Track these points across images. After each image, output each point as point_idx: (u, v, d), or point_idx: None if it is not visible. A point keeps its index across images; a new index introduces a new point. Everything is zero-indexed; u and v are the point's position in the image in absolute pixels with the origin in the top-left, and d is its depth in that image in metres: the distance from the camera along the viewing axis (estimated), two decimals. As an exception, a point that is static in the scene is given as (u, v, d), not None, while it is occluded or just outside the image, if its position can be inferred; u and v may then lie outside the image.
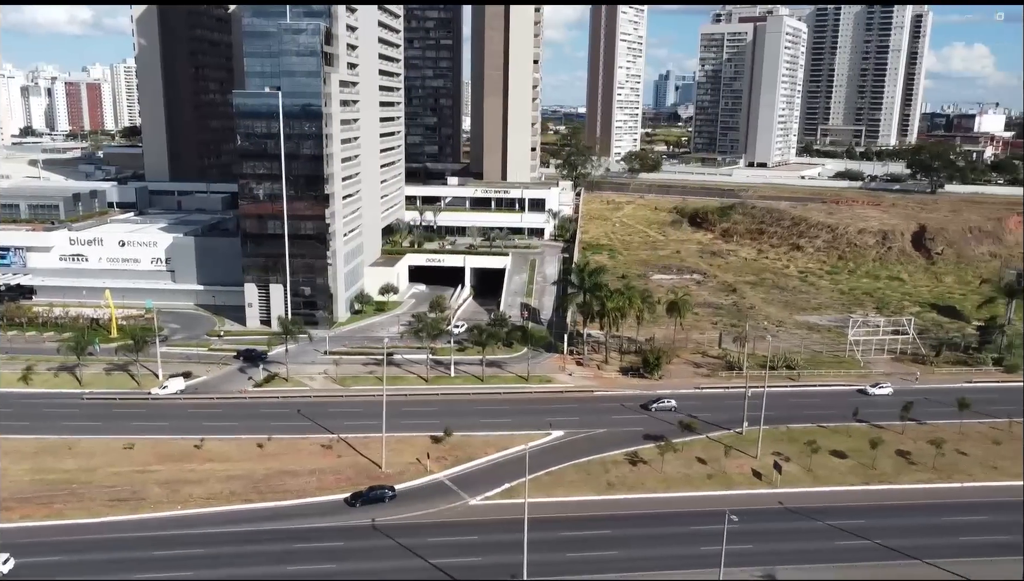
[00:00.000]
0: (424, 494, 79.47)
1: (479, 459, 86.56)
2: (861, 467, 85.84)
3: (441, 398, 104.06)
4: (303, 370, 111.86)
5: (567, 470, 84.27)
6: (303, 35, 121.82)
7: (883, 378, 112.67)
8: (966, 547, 70.82)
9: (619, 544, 70.59)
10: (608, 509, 76.90)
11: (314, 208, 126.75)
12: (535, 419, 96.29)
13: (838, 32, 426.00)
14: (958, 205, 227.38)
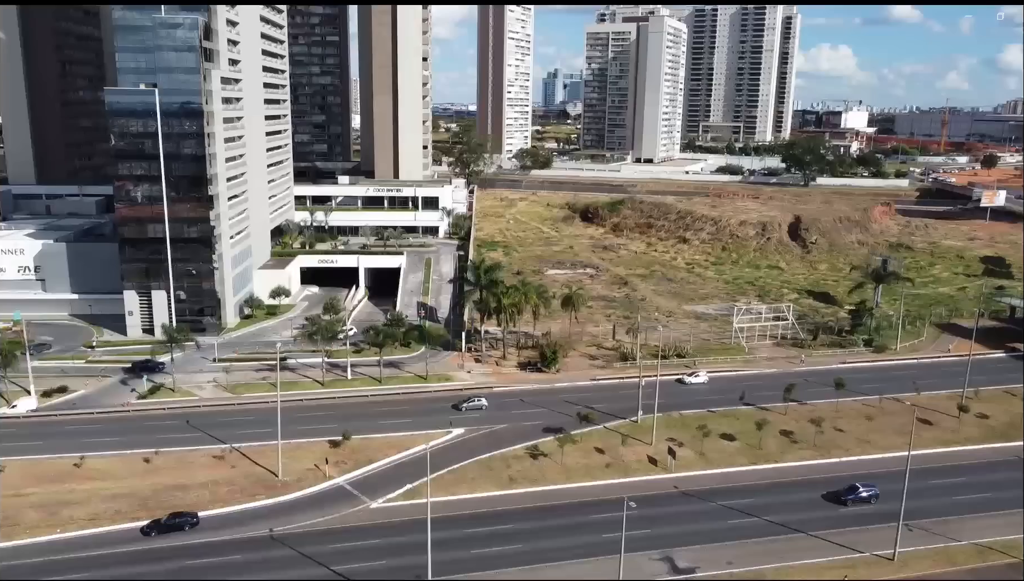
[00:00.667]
0: (324, 500, 77.82)
1: (379, 461, 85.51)
2: (749, 448, 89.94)
3: (338, 401, 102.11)
4: (191, 379, 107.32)
5: (469, 467, 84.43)
6: (180, 29, 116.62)
7: (766, 362, 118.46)
8: (846, 517, 75.47)
9: (522, 537, 71.33)
10: (511, 503, 77.54)
11: (197, 210, 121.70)
12: (435, 418, 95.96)
13: (716, 33, 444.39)
14: (829, 197, 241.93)
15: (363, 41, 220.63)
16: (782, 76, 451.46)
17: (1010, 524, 74.71)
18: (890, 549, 69.02)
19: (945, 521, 75.15)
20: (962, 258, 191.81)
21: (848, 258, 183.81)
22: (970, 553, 69.87)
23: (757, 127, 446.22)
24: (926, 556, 69.34)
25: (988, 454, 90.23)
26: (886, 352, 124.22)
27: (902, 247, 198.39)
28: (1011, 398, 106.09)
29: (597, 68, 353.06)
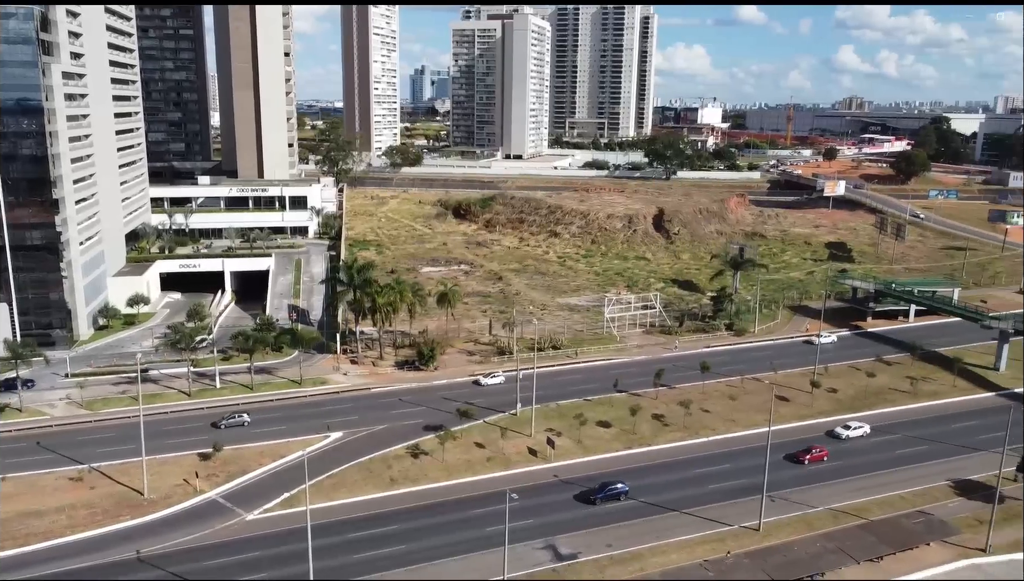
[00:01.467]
0: (196, 516, 74.24)
1: (254, 471, 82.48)
2: (624, 433, 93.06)
3: (207, 412, 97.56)
4: (41, 397, 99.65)
5: (349, 471, 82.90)
6: (13, 20, 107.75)
7: (637, 350, 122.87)
8: (715, 493, 79.45)
9: (406, 538, 70.77)
10: (393, 505, 76.74)
11: (41, 215, 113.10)
12: (312, 423, 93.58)
13: (578, 31, 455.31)
14: (689, 189, 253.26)
15: (220, 35, 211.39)
16: (642, 74, 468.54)
17: (858, 489, 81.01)
18: (756, 520, 73.26)
19: (803, 490, 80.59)
20: (809, 244, 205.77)
21: (708, 247, 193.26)
22: (826, 518, 75.25)
23: (620, 123, 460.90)
24: (788, 524, 74.07)
25: (837, 425, 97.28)
26: (746, 335, 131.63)
27: (756, 235, 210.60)
28: (855, 372, 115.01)
29: (464, 65, 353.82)
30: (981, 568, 68.20)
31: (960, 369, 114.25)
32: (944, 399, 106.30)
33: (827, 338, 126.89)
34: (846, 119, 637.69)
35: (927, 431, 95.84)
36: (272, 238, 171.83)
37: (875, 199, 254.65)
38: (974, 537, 71.65)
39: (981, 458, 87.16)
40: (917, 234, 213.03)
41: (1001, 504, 75.03)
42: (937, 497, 79.89)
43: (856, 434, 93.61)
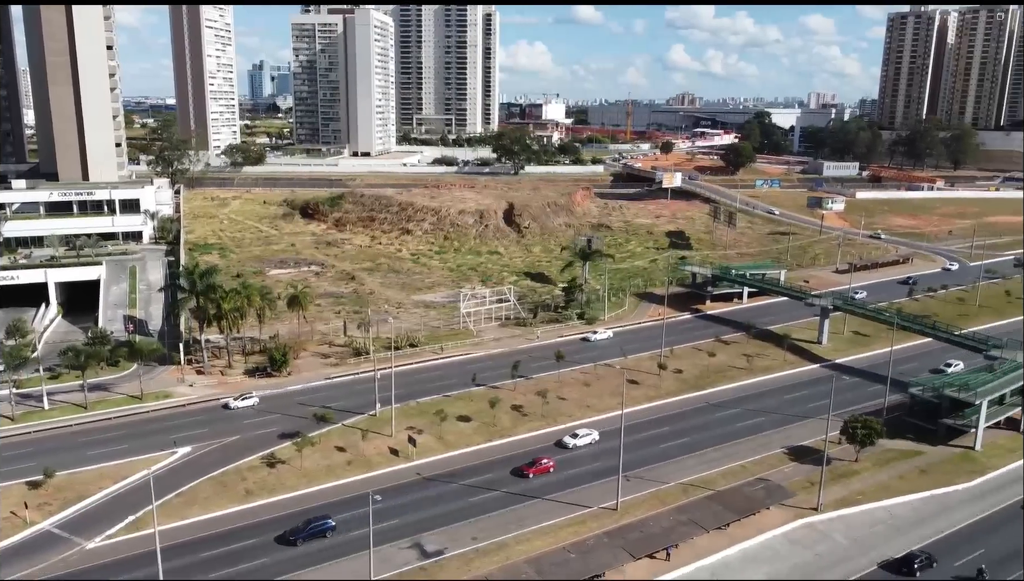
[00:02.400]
0: (27, 550, 68.03)
1: (93, 496, 76.64)
2: (484, 426, 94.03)
3: (35, 436, 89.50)
4: None
5: (200, 486, 78.77)
6: None
7: (494, 343, 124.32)
8: (573, 478, 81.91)
9: (265, 551, 68.20)
10: (250, 518, 73.67)
11: None
12: (157, 439, 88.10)
13: (422, 27, 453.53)
14: (537, 184, 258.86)
15: (31, 25, 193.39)
16: (487, 71, 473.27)
17: (703, 462, 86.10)
18: (613, 500, 76.23)
19: (656, 468, 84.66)
20: (651, 234, 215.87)
21: (558, 239, 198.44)
22: (677, 492, 79.43)
23: (468, 119, 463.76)
24: (643, 501, 77.57)
25: (684, 404, 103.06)
26: (597, 323, 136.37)
27: (602, 227, 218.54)
28: (698, 352, 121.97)
29: (306, 60, 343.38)
30: (814, 526, 74.33)
31: (789, 344, 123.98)
32: (776, 373, 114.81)
33: (603, 335, 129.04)
34: (680, 114, 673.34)
35: (763, 404, 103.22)
36: (102, 245, 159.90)
37: (708, 189, 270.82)
38: (807, 498, 77.98)
39: (811, 425, 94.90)
40: (747, 221, 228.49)
41: (829, 466, 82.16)
42: (774, 464, 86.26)
43: (584, 442, 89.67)
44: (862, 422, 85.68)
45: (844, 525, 74.77)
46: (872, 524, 75.21)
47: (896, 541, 72.06)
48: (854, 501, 78.55)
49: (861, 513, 76.90)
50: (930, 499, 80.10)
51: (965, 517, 76.89)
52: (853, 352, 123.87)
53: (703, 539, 70.55)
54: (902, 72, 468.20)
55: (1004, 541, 72.62)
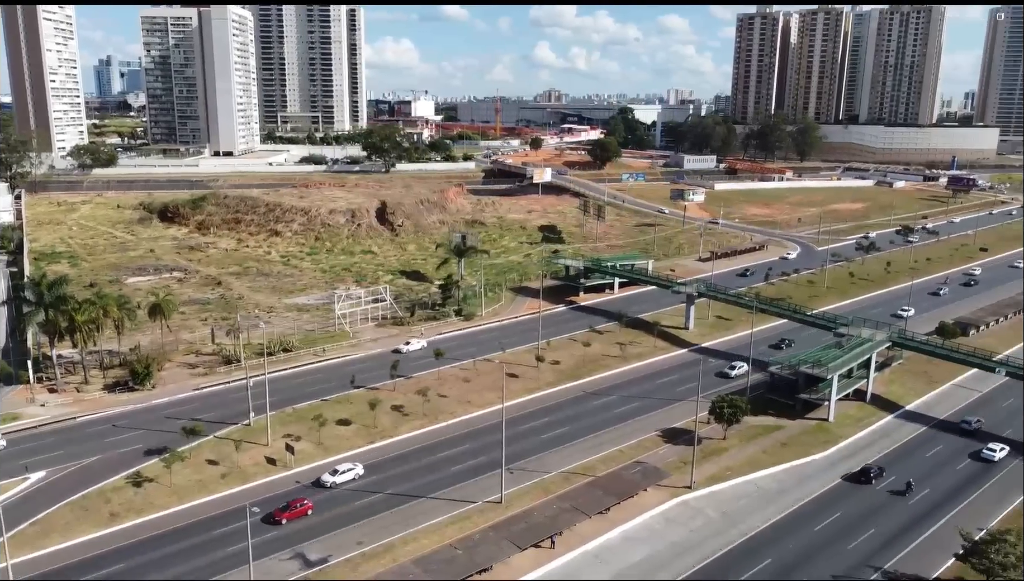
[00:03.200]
0: None
1: (-67, 532, 69.88)
2: (364, 429, 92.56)
3: None
4: None
5: (59, 512, 73.35)
6: None
7: (371, 343, 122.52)
8: (458, 474, 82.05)
9: (134, 574, 64.42)
10: (116, 542, 69.27)
11: None
12: (5, 466, 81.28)
13: (283, 22, 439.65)
14: (409, 181, 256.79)
15: None
16: (353, 67, 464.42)
17: (583, 449, 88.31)
18: (497, 494, 76.93)
19: (538, 458, 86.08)
20: (525, 229, 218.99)
21: (432, 237, 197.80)
22: (559, 481, 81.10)
23: (335, 117, 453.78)
24: (527, 492, 78.71)
25: (562, 394, 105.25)
26: (474, 319, 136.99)
27: (476, 223, 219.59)
28: (574, 343, 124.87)
29: (158, 55, 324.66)
30: (688, 503, 77.82)
31: (659, 331, 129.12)
32: (648, 359, 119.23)
33: (417, 344, 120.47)
34: (547, 110, 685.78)
35: (637, 389, 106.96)
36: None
37: (577, 184, 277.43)
38: (681, 477, 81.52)
39: (682, 407, 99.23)
40: (615, 214, 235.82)
41: (700, 445, 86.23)
42: (649, 447, 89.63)
43: (345, 479, 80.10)
44: (728, 401, 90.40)
45: (715, 500, 78.70)
46: (741, 497, 79.54)
47: (763, 511, 76.58)
48: (724, 477, 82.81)
49: (730, 488, 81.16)
50: (791, 469, 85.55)
51: (822, 484, 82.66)
52: (717, 335, 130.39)
53: (586, 524, 72.41)
54: (751, 70, 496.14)
55: (856, 504, 78.63)
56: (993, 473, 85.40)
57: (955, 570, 66.67)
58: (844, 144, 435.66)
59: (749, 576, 66.44)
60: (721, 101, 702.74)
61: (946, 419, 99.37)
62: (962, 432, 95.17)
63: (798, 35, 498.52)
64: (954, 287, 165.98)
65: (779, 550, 70.05)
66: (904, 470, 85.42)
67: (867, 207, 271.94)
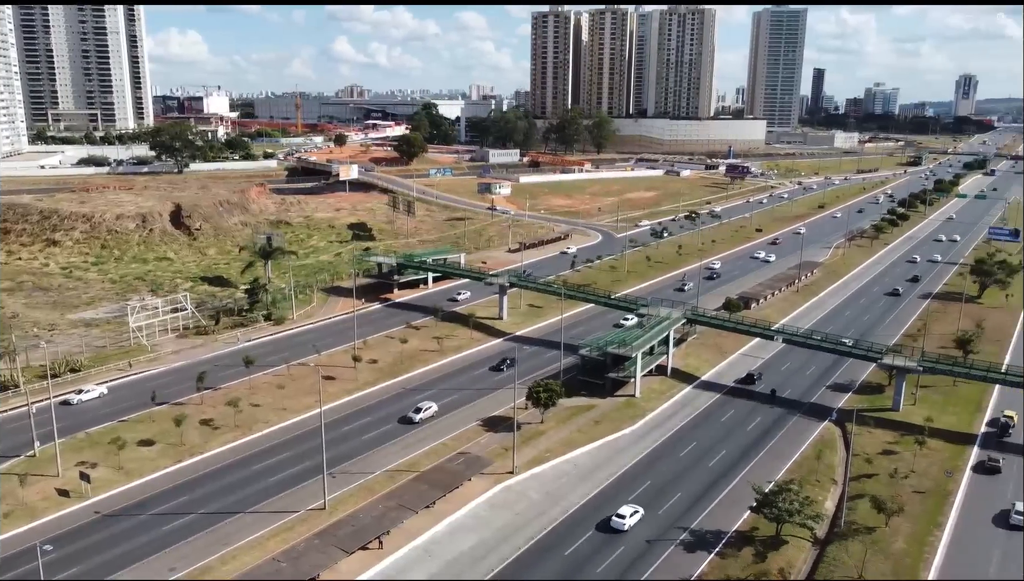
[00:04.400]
0: None
1: None
2: (171, 447, 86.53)
3: None
4: None
5: None
6: None
7: (173, 356, 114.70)
8: (278, 485, 78.96)
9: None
10: None
11: None
12: None
13: (47, 10, 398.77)
14: (205, 182, 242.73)
15: None
16: (135, 60, 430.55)
17: (407, 445, 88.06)
18: (321, 500, 74.92)
19: (361, 459, 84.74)
20: (333, 227, 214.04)
21: (235, 239, 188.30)
22: (384, 480, 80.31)
23: (117, 114, 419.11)
24: (352, 495, 77.26)
25: (383, 392, 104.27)
26: (285, 322, 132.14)
27: (282, 223, 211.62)
28: (391, 341, 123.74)
29: None
30: (512, 488, 79.93)
31: (474, 323, 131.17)
32: (466, 351, 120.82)
33: (91, 393, 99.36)
34: (350, 106, 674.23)
35: (457, 381, 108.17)
36: None
37: (385, 180, 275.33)
38: (504, 463, 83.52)
39: (501, 395, 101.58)
40: (425, 209, 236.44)
41: (519, 431, 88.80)
42: (472, 437, 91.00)
43: None
44: (544, 386, 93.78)
45: (537, 482, 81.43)
46: (561, 476, 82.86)
47: (582, 487, 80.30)
48: (544, 459, 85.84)
49: (550, 468, 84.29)
50: (604, 445, 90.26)
51: (633, 456, 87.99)
52: (530, 323, 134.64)
53: (413, 521, 72.30)
54: (548, 66, 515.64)
55: (663, 471, 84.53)
56: (775, 432, 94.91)
57: (751, 521, 73.45)
58: (635, 136, 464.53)
59: (571, 551, 69.45)
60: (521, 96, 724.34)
61: (736, 386, 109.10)
62: (750, 395, 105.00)
63: (589, 34, 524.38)
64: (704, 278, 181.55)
65: (597, 524, 73.72)
66: (704, 435, 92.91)
67: (659, 195, 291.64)
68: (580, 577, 65.68)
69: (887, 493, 75.71)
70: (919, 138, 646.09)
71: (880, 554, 68.25)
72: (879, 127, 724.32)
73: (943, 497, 78.78)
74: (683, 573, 66.37)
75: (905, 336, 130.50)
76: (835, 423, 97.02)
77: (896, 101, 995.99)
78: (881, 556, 68.07)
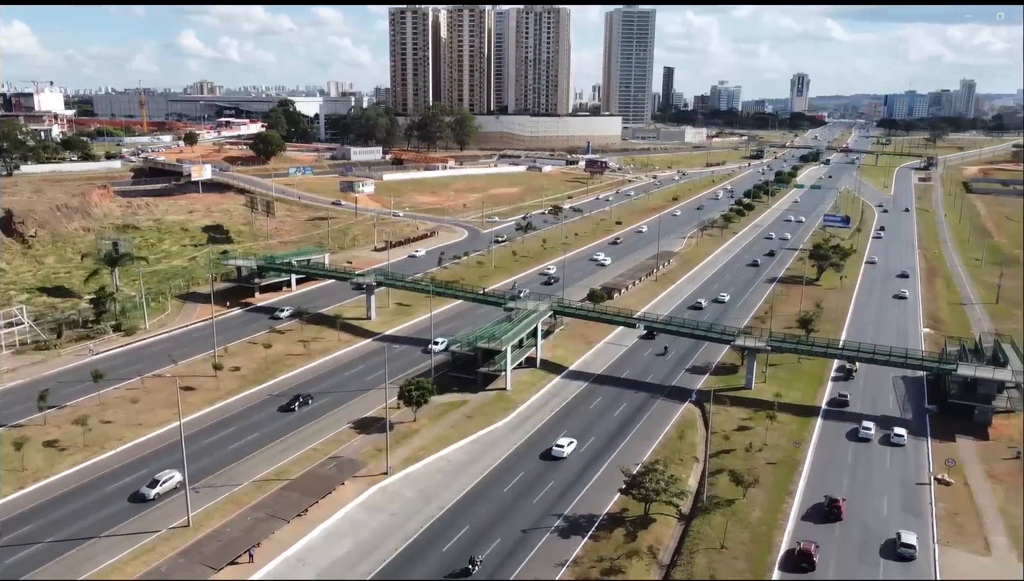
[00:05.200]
0: None
1: None
2: (11, 473, 79.62)
3: None
4: None
5: None
6: None
7: (9, 375, 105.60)
8: (136, 505, 74.44)
9: None
10: None
11: None
12: None
13: None
14: (40, 185, 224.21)
15: None
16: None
17: (275, 454, 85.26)
18: (184, 517, 71.27)
19: (226, 471, 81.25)
20: (187, 230, 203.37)
21: (76, 246, 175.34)
22: (252, 491, 77.36)
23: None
24: (218, 509, 73.95)
25: (247, 400, 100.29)
26: (137, 333, 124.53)
27: (129, 228, 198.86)
28: (254, 346, 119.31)
29: None
30: (386, 488, 79.04)
31: (342, 324, 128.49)
32: (334, 353, 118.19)
33: None
34: (201, 103, 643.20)
35: (326, 384, 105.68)
36: None
37: (242, 180, 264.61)
38: (378, 465, 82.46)
39: (372, 396, 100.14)
40: (286, 209, 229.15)
41: (392, 431, 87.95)
42: (343, 440, 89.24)
43: None
44: (415, 384, 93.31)
45: (411, 481, 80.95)
46: (435, 474, 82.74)
47: (457, 483, 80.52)
48: (418, 457, 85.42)
49: (424, 467, 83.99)
50: (478, 440, 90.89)
51: (506, 449, 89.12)
52: (400, 322, 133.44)
53: (284, 531, 70.14)
54: (407, 63, 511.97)
55: (537, 462, 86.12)
56: (641, 416, 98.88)
57: (621, 503, 76.19)
58: (498, 133, 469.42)
59: (451, 545, 69.60)
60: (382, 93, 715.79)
61: (603, 374, 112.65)
62: (616, 382, 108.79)
63: (448, 30, 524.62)
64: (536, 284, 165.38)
65: (475, 516, 74.24)
66: (574, 423, 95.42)
67: (522, 190, 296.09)
68: (458, 570, 65.96)
69: (744, 467, 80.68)
70: (761, 133, 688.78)
71: (739, 524, 72.61)
72: (725, 123, 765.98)
73: (793, 467, 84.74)
74: (559, 557, 67.98)
75: (755, 318, 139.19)
76: (695, 404, 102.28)
77: (739, 98, 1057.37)
78: (740, 526, 72.43)
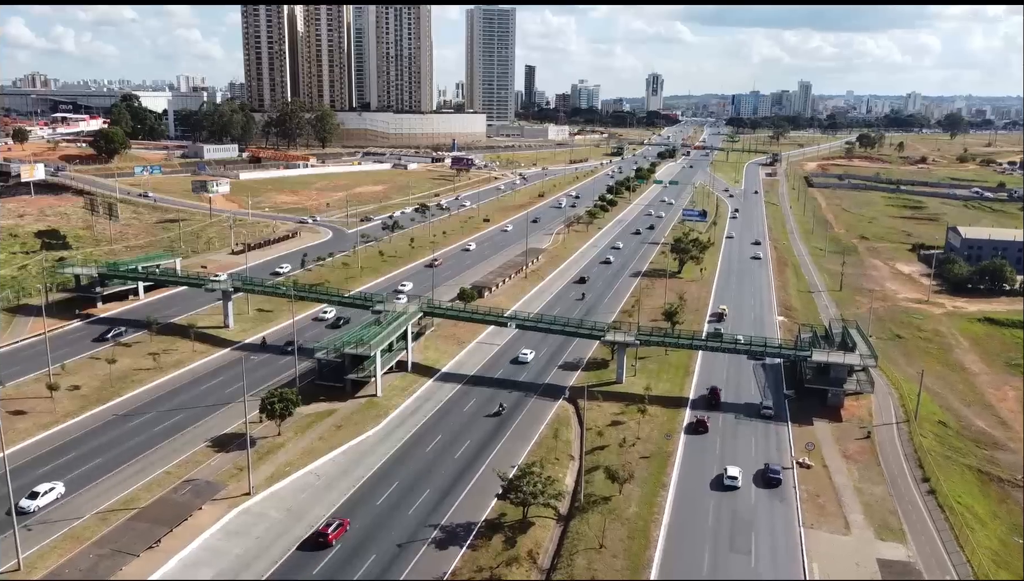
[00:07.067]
0: None
1: None
2: None
3: None
4: None
5: None
6: None
7: None
8: (-47, 550, 65.65)
9: None
10: None
11: None
12: None
13: None
14: None
15: None
16: None
17: (122, 480, 77.63)
18: (14, 559, 63.34)
19: (64, 504, 73.21)
20: (16, 236, 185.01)
21: None
22: (95, 524, 69.90)
23: None
24: (54, 547, 66.26)
25: (88, 422, 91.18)
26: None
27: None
28: (96, 362, 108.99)
29: None
30: (250, 510, 73.56)
31: (196, 334, 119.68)
32: (188, 366, 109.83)
33: None
34: (33, 97, 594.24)
35: (179, 400, 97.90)
36: None
37: (81, 180, 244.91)
38: (239, 485, 76.69)
39: (231, 410, 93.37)
40: (131, 212, 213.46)
41: (254, 447, 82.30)
42: (200, 460, 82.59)
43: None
44: (278, 395, 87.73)
45: (277, 500, 75.80)
46: (303, 490, 77.95)
47: (327, 498, 76.19)
48: (284, 474, 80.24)
49: (291, 483, 78.98)
50: (349, 450, 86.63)
51: (379, 457, 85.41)
52: (260, 329, 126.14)
53: (133, 565, 63.68)
54: (263, 57, 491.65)
55: (411, 467, 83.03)
56: (515, 416, 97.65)
57: (498, 508, 74.39)
58: (360, 130, 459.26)
59: (322, 567, 65.48)
60: (237, 88, 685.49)
61: (476, 374, 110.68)
62: (490, 382, 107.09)
63: (305, 24, 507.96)
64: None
65: (347, 533, 70.23)
66: (448, 427, 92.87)
67: (388, 188, 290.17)
68: None
69: (618, 462, 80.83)
70: (620, 130, 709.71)
71: (617, 521, 72.50)
72: (585, 120, 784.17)
73: (665, 459, 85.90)
74: (437, 570, 65.36)
75: (622, 312, 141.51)
76: (568, 401, 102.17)
77: (598, 97, 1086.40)
78: (618, 523, 72.33)
